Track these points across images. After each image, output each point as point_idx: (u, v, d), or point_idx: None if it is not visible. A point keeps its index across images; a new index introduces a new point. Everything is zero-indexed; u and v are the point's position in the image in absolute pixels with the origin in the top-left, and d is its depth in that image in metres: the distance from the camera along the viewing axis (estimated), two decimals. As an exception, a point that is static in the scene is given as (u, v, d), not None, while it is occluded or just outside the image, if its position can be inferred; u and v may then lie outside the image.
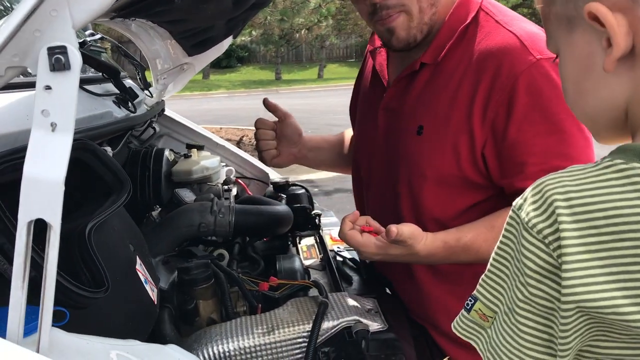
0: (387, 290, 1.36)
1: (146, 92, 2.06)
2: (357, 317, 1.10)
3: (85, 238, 0.76)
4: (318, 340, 1.07)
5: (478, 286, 0.64)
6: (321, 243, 1.68)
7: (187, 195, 1.65)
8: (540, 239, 0.54)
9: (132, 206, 1.72)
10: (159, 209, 1.63)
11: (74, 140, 0.96)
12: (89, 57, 1.27)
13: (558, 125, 1.06)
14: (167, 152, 1.85)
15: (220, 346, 1.06)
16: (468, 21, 1.17)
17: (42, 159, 0.58)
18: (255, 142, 1.50)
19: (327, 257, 1.54)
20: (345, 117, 1.66)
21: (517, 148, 1.09)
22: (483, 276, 0.64)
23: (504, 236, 0.61)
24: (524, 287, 0.56)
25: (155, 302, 0.94)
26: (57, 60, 0.55)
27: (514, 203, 0.59)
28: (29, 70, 0.64)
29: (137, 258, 0.94)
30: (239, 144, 8.88)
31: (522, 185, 1.11)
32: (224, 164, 2.18)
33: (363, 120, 1.40)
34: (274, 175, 2.22)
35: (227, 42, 2.14)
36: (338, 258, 1.52)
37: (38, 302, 0.66)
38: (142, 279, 0.92)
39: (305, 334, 1.08)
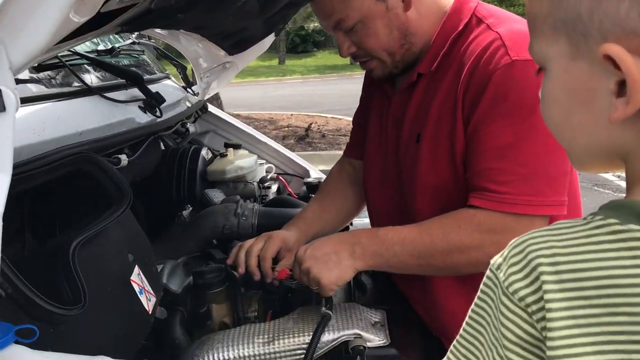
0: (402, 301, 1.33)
1: (189, 90, 2.12)
2: (358, 331, 1.09)
3: (68, 255, 0.79)
4: (316, 354, 1.07)
5: (449, 352, 0.58)
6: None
7: (217, 195, 1.68)
8: (523, 307, 0.48)
9: (165, 204, 1.78)
10: (190, 209, 1.68)
11: (78, 153, 1.00)
12: (109, 65, 1.31)
13: (515, 132, 1.02)
14: (204, 152, 1.90)
15: (220, 353, 1.08)
16: (460, 28, 1.13)
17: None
18: None
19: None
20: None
21: (471, 145, 1.07)
22: (455, 342, 0.57)
23: (479, 298, 0.54)
24: None
25: (150, 311, 0.97)
26: (-8, 102, 0.57)
27: (492, 261, 0.53)
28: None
29: (136, 268, 0.97)
30: (307, 130, 8.94)
31: (472, 183, 1.07)
32: (264, 161, 2.21)
33: (375, 129, 1.37)
34: (313, 172, 2.22)
35: (269, 40, 2.15)
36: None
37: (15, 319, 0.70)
38: (137, 289, 0.94)
39: (304, 346, 1.08)
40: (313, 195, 1.89)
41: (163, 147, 1.80)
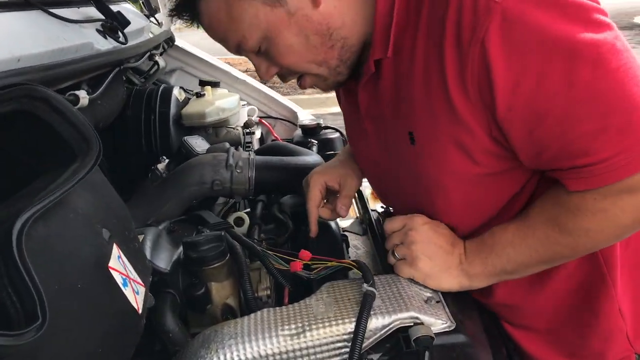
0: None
1: (152, 19, 1.76)
2: (414, 314, 0.83)
3: (11, 241, 0.49)
4: (364, 345, 0.81)
5: None
6: (360, 199, 1.40)
7: (199, 143, 1.37)
8: None
9: (134, 157, 1.46)
10: (166, 161, 1.37)
11: (16, 84, 0.68)
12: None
13: (568, 77, 0.70)
14: (176, 91, 1.57)
15: (235, 352, 0.81)
16: None
17: None
18: None
19: (369, 219, 1.26)
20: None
21: (516, 131, 0.77)
22: None
23: None
24: None
25: (140, 309, 0.68)
26: None
27: None
28: None
29: (114, 248, 0.68)
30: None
31: (549, 167, 0.79)
32: (244, 102, 1.89)
33: (353, 128, 1.09)
34: (304, 114, 1.92)
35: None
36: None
37: None
38: (119, 279, 0.65)
39: (346, 337, 0.81)
40: (312, 140, 1.60)
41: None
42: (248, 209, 1.43)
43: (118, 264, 0.67)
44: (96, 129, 1.18)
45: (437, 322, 0.84)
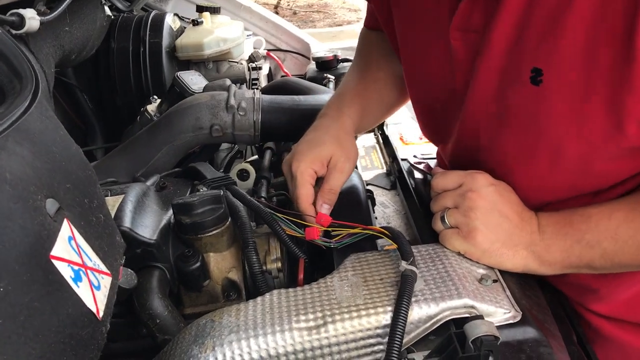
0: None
1: None
2: (469, 301, 0.64)
3: None
4: (404, 341, 0.62)
5: None
6: (387, 145, 1.19)
7: (195, 80, 1.16)
8: None
9: (120, 96, 1.26)
10: (158, 101, 1.16)
11: None
12: None
13: None
14: (169, 19, 1.35)
15: (236, 351, 0.63)
16: None
17: None
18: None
19: (399, 170, 1.06)
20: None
21: None
22: None
23: None
24: None
25: (100, 313, 0.49)
26: None
27: None
28: None
29: (65, 226, 0.48)
30: (276, 7, 8.15)
31: None
32: (250, 33, 1.66)
33: (421, 38, 0.82)
34: (318, 47, 1.69)
35: None
36: (417, 175, 1.03)
37: None
38: (69, 272, 0.47)
39: (380, 332, 0.63)
40: (328, 75, 1.38)
41: (109, 13, 1.24)
42: (256, 156, 1.23)
43: (68, 249, 0.48)
44: (67, 62, 0.97)
45: (498, 312, 0.65)
